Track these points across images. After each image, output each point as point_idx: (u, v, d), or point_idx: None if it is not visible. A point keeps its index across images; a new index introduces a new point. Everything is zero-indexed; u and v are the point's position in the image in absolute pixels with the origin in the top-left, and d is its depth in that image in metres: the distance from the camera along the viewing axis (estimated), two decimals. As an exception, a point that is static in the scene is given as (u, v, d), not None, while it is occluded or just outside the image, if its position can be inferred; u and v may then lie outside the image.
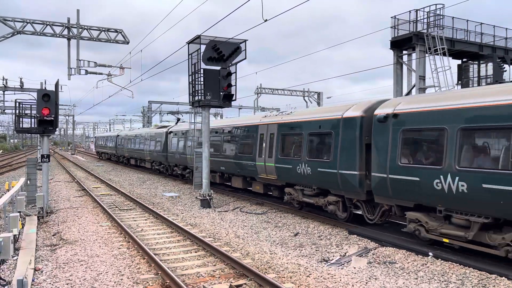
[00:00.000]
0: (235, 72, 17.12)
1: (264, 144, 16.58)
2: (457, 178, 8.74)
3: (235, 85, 17.08)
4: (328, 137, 13.00)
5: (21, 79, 31.20)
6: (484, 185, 8.26)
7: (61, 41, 21.12)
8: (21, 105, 15.88)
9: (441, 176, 9.07)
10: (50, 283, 8.04)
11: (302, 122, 14.51)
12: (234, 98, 17.16)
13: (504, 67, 25.16)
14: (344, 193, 12.49)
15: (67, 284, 8.02)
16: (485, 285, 7.80)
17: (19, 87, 31.54)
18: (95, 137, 78.96)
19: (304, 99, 48.34)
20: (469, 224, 8.84)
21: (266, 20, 12.15)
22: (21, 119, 15.99)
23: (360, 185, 11.72)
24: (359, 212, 12.60)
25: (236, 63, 17.26)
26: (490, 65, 24.64)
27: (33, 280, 8.12)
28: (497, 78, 23.81)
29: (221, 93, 16.75)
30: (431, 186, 9.30)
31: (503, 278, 8.02)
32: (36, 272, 8.70)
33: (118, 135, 44.87)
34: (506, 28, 26.02)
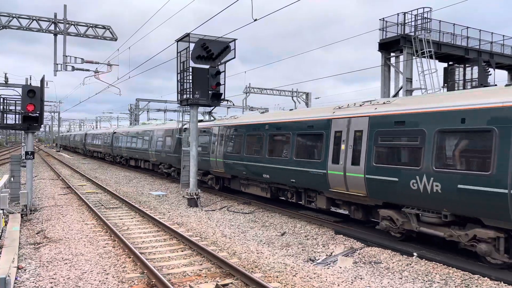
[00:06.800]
0: (224, 71, 17.09)
1: (167, 141, 24.64)
2: (246, 160, 16.35)
3: (224, 84, 17.07)
4: (208, 137, 19.87)
5: (5, 74, 30.56)
6: (251, 163, 16.10)
7: (53, 36, 20.75)
8: (5, 101, 15.60)
9: (242, 160, 16.65)
10: (33, 282, 7.93)
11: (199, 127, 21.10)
12: (222, 97, 17.13)
13: (489, 71, 25.57)
14: (214, 172, 19.63)
15: (51, 283, 7.91)
16: (468, 285, 7.92)
17: (4, 82, 30.90)
18: (55, 136, 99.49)
19: (292, 99, 48.49)
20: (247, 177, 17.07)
21: (255, 20, 12.16)
22: (5, 115, 15.71)
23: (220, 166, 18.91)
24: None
25: (225, 62, 17.23)
26: (475, 68, 25.03)
27: (16, 279, 7.99)
28: (482, 82, 24.18)
29: (210, 91, 16.69)
30: (234, 165, 17.25)
31: (486, 278, 8.16)
32: (19, 270, 8.57)
33: (86, 134, 57.25)
34: (492, 33, 26.46)
